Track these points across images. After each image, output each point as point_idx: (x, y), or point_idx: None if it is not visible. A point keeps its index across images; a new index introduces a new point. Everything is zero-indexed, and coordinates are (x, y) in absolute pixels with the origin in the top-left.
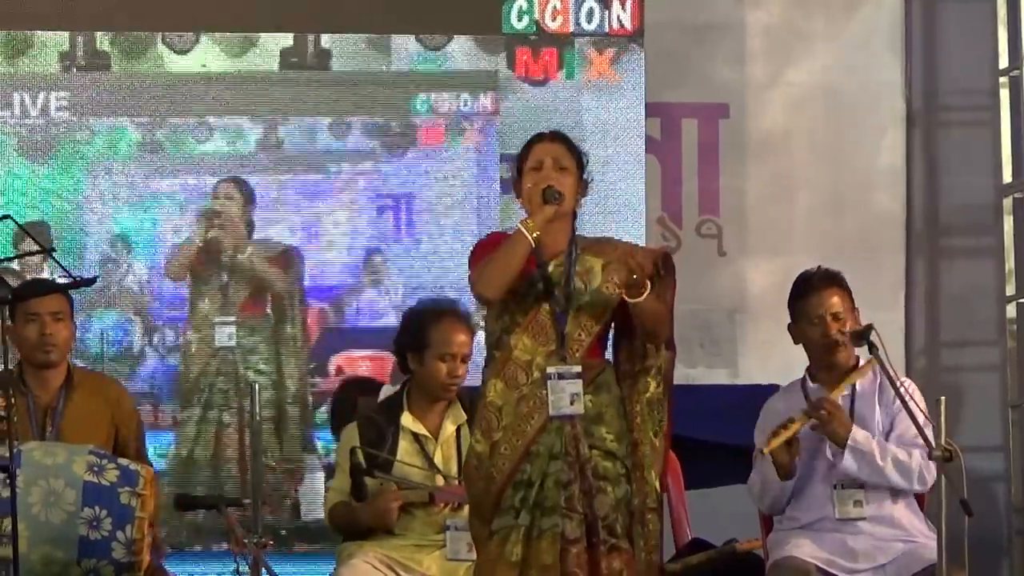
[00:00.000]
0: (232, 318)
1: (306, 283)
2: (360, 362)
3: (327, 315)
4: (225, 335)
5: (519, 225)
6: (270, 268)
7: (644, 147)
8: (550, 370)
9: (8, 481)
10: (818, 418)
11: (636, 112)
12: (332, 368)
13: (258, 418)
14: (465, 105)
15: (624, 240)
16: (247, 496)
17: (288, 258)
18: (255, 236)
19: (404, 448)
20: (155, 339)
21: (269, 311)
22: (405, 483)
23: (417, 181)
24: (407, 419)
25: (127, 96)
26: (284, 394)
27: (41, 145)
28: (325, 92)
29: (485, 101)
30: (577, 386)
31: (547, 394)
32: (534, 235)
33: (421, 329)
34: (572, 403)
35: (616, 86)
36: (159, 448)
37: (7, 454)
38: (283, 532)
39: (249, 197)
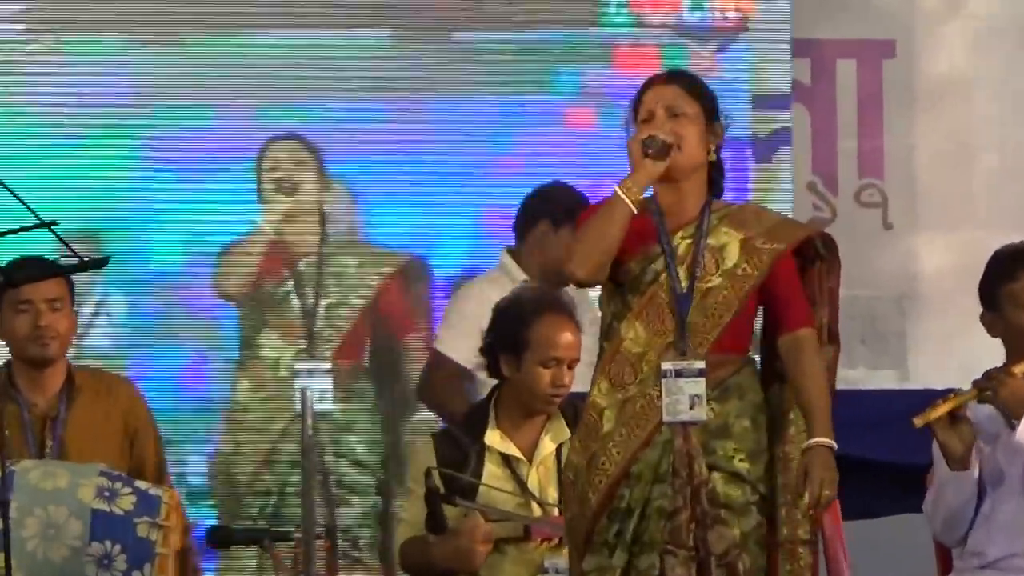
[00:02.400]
0: (326, 365)
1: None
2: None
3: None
4: (315, 396)
5: (615, 188)
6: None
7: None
8: (665, 366)
9: None
10: (988, 388)
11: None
12: None
13: (310, 433)
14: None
15: (773, 211)
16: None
17: (407, 269)
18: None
19: (491, 472)
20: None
21: (367, 362)
22: (494, 513)
23: None
24: (493, 437)
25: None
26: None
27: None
28: None
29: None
30: (699, 386)
31: (659, 396)
32: (634, 199)
33: (519, 327)
34: (692, 407)
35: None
36: None
37: None
38: None
39: (322, 163)
